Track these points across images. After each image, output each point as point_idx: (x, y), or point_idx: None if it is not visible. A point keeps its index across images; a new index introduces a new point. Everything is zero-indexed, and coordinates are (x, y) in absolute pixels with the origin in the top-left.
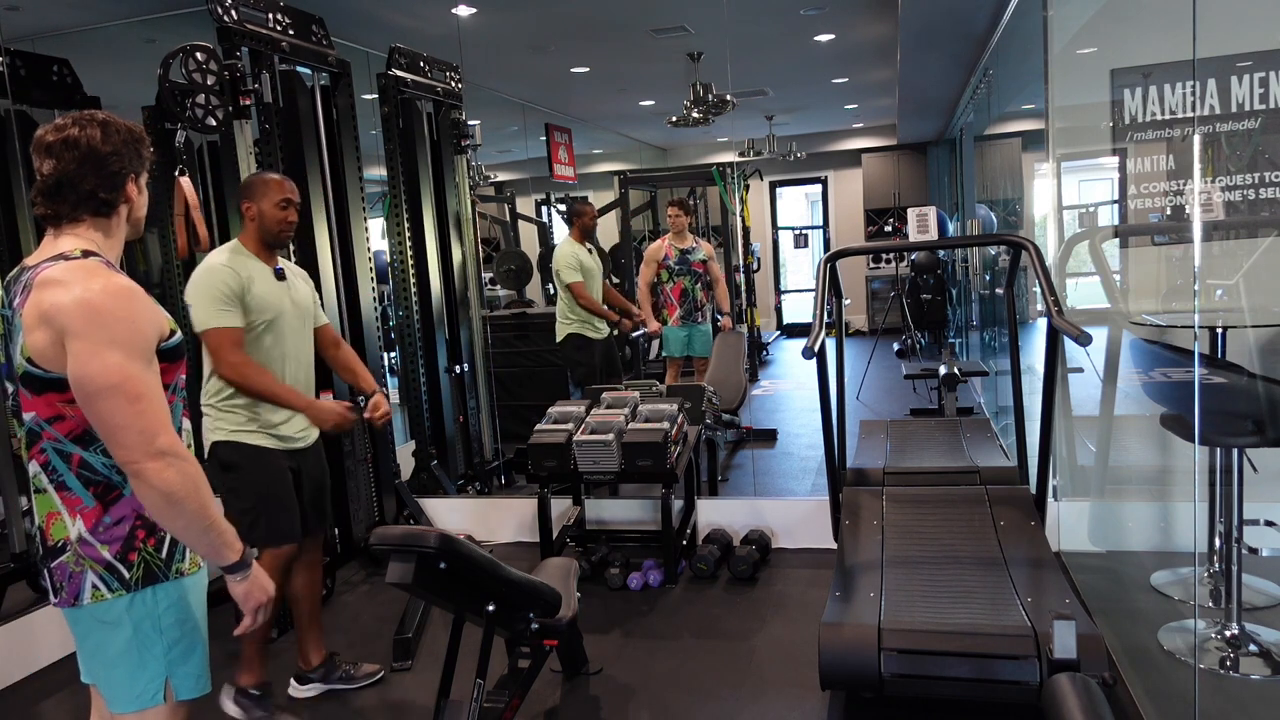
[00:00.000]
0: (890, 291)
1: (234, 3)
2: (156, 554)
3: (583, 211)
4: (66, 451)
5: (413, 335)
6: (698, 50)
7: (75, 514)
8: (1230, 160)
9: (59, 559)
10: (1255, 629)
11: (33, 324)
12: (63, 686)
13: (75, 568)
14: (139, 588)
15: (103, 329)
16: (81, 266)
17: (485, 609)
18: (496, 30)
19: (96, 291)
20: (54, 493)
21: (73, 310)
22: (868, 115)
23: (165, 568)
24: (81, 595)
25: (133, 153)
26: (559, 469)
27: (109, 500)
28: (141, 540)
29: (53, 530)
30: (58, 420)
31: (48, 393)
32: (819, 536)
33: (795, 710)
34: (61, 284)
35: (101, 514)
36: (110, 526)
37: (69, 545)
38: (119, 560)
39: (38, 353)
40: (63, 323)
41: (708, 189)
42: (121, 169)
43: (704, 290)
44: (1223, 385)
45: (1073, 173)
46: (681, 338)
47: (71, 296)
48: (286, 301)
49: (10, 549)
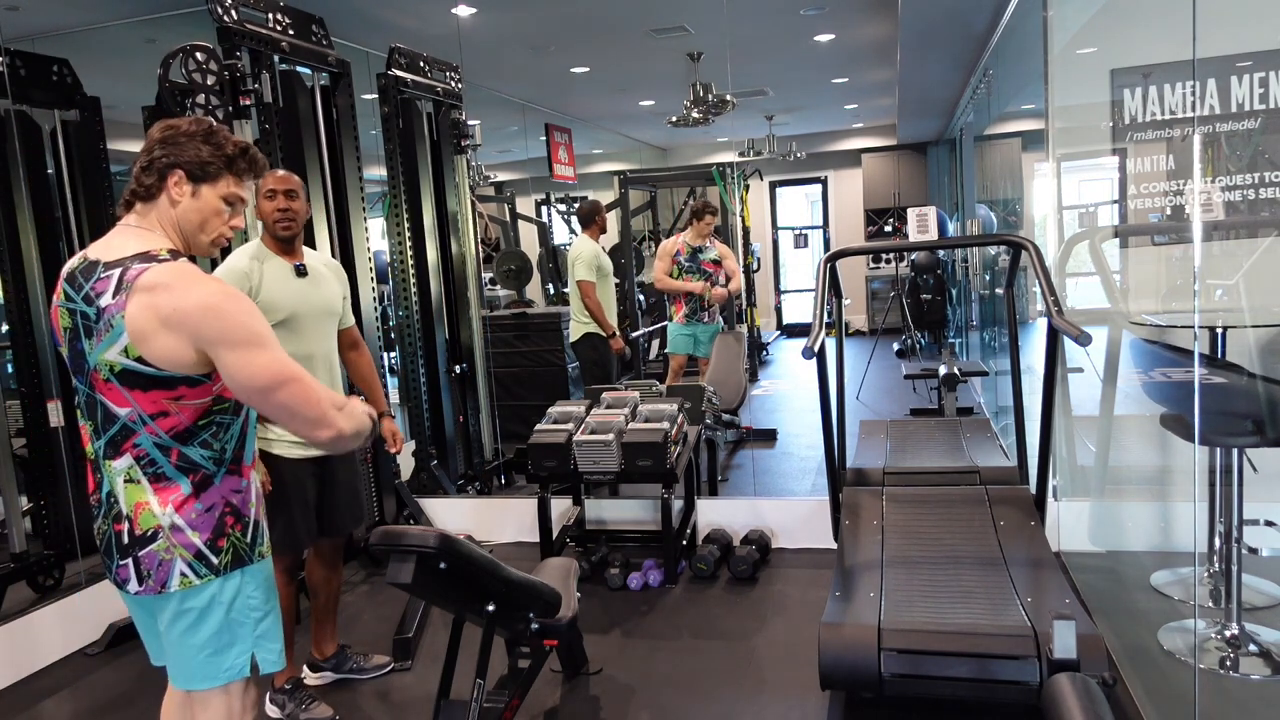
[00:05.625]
0: (890, 291)
1: (234, 3)
2: (243, 539)
3: (598, 210)
4: (166, 446)
5: (413, 335)
6: (698, 50)
7: (168, 502)
8: (1230, 160)
9: (149, 547)
10: (1255, 629)
11: (152, 329)
12: (63, 686)
13: (165, 555)
14: (227, 572)
15: (236, 332)
16: (180, 270)
17: (485, 609)
18: (496, 30)
19: (212, 295)
20: (148, 483)
21: (199, 317)
22: (868, 115)
23: (250, 551)
24: (169, 582)
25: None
26: (559, 469)
27: (203, 488)
28: (230, 526)
29: (141, 519)
30: (162, 416)
31: (154, 390)
32: (819, 536)
33: (795, 710)
34: (170, 288)
35: (194, 501)
36: (202, 513)
37: (161, 533)
38: (208, 547)
39: (156, 355)
40: (194, 328)
41: (708, 189)
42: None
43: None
44: (1223, 385)
45: (1073, 173)
46: (687, 336)
47: (192, 302)
48: (305, 299)
49: (10, 549)
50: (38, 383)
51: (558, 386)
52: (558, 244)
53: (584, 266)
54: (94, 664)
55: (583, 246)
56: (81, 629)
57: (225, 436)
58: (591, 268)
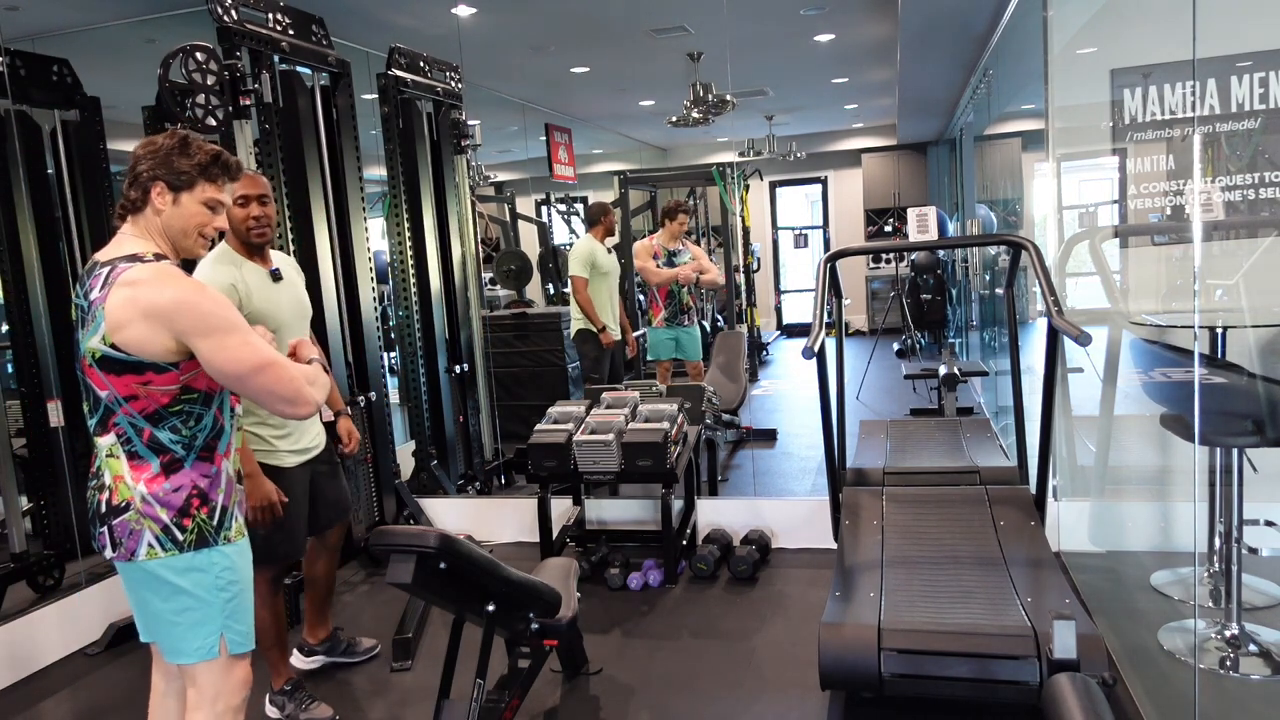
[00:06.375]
0: (890, 291)
1: (234, 3)
2: (209, 521)
3: (607, 212)
4: (139, 426)
5: (413, 335)
6: (698, 50)
7: (139, 479)
8: (1230, 160)
9: (122, 516)
10: (1255, 629)
11: (129, 318)
12: (63, 686)
13: (135, 525)
14: (191, 549)
15: (209, 321)
16: (159, 270)
17: (485, 609)
18: (496, 30)
19: (185, 290)
20: (124, 460)
21: (174, 310)
22: (868, 115)
23: (215, 534)
24: (138, 551)
25: (161, 161)
26: (559, 469)
27: (172, 469)
28: (196, 508)
29: (119, 491)
30: (133, 399)
31: (126, 374)
32: (819, 536)
33: (795, 710)
34: (148, 284)
35: (164, 480)
36: (170, 493)
37: (132, 505)
38: (174, 524)
39: (132, 342)
40: (170, 320)
41: (708, 189)
42: (139, 172)
43: (691, 293)
44: (1223, 385)
45: (1073, 173)
46: (667, 340)
47: (167, 297)
48: (285, 305)
49: (10, 549)
50: (38, 383)
51: (558, 386)
52: (558, 244)
53: (576, 263)
54: (94, 664)
55: (579, 244)
56: (81, 629)
57: (196, 426)
58: (584, 264)
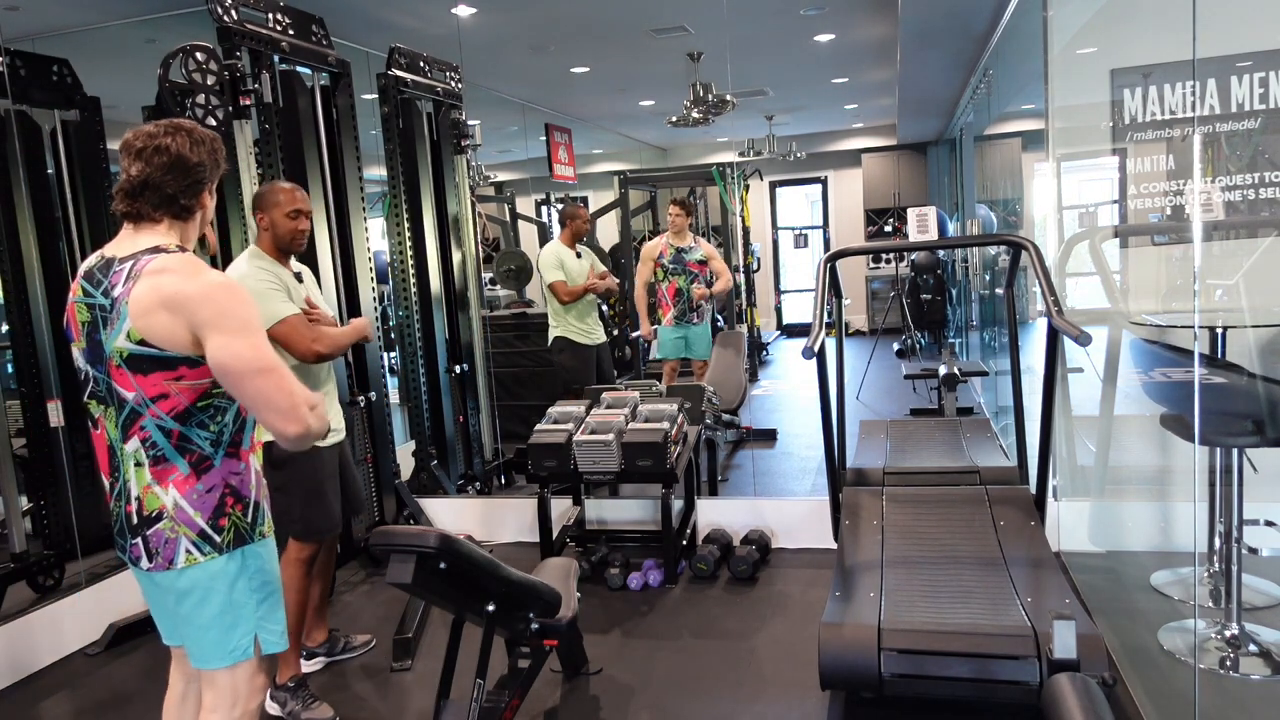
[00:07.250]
0: (890, 291)
1: (234, 3)
2: (244, 518)
3: (576, 215)
4: (168, 428)
5: (413, 335)
6: (698, 50)
7: (168, 484)
8: (1230, 160)
9: (155, 526)
10: (1255, 629)
11: (150, 307)
12: (63, 686)
13: (170, 534)
14: (230, 549)
15: (229, 318)
16: (189, 260)
17: (485, 609)
18: (496, 30)
19: (215, 285)
20: (150, 467)
21: (199, 301)
22: (868, 115)
23: (251, 531)
24: (176, 559)
25: (214, 163)
26: (559, 469)
27: (202, 469)
28: (231, 506)
29: (148, 501)
30: (162, 399)
31: (155, 372)
32: (819, 536)
33: (795, 710)
34: (176, 273)
35: (195, 482)
36: (203, 494)
37: (165, 513)
38: (210, 526)
39: (154, 334)
40: (192, 311)
41: (708, 189)
42: (202, 178)
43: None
44: (1223, 385)
45: (1073, 173)
46: (676, 339)
47: (195, 287)
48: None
49: (10, 549)
50: (38, 383)
51: (558, 386)
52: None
53: (548, 269)
54: (94, 664)
55: (544, 251)
56: (81, 629)
57: (222, 420)
58: (555, 268)
